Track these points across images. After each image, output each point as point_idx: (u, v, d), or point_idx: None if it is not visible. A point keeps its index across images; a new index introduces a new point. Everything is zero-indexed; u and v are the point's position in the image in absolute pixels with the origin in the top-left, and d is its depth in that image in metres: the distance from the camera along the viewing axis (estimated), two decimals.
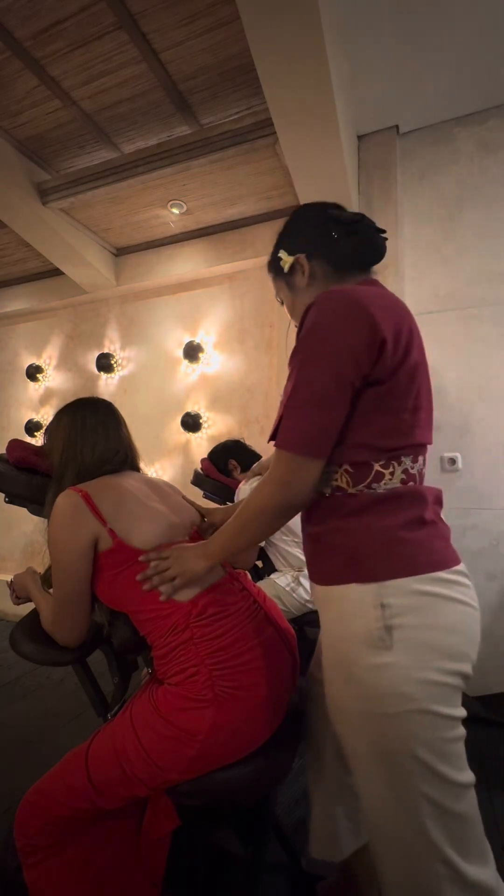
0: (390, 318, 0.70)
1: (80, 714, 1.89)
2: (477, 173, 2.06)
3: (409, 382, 0.72)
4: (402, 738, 0.64)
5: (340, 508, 0.73)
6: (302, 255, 0.83)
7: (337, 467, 0.73)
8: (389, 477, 0.71)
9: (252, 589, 0.99)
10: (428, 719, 0.64)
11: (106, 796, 0.81)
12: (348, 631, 0.69)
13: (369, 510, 0.71)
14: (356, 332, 0.67)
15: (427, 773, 0.64)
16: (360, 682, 0.67)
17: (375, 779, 0.67)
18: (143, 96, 1.93)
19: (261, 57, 1.52)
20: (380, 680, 0.66)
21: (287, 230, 0.88)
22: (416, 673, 0.64)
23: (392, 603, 0.66)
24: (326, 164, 1.88)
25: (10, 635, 0.96)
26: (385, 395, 0.70)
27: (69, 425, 1.01)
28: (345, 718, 0.71)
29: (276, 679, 0.87)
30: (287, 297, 0.89)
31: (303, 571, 1.55)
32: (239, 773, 0.82)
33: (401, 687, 0.64)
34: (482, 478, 2.00)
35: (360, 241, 0.83)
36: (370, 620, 0.67)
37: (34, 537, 3.30)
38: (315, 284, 0.84)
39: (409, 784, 0.64)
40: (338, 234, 0.82)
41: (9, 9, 1.59)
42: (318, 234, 0.83)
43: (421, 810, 0.64)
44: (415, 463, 0.74)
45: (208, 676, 0.80)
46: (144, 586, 0.84)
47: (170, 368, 2.90)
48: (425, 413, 0.76)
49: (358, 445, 0.71)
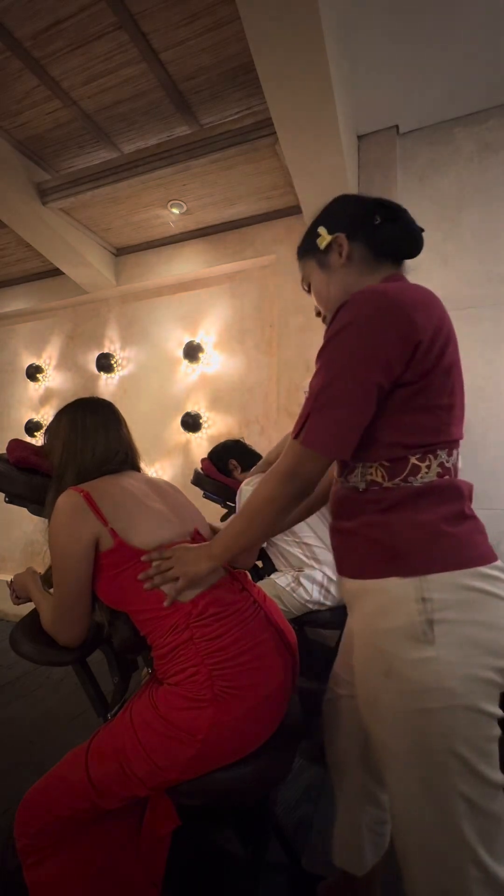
0: (429, 319, 0.69)
1: (80, 714, 1.89)
2: (477, 173, 2.06)
3: (445, 380, 0.71)
4: (443, 734, 0.64)
5: (377, 503, 0.72)
6: (342, 234, 0.81)
7: (372, 462, 0.72)
8: (426, 470, 0.70)
9: (252, 589, 0.99)
10: (471, 716, 0.63)
11: (106, 796, 0.81)
12: (388, 625, 0.68)
13: (408, 504, 0.70)
14: (390, 337, 0.67)
15: (465, 770, 0.63)
16: (401, 677, 0.66)
17: (410, 776, 0.66)
18: (143, 96, 1.93)
19: (261, 57, 1.52)
20: (422, 675, 0.65)
21: (329, 209, 0.86)
22: (460, 669, 0.64)
23: (435, 597, 0.65)
24: (326, 164, 1.88)
25: (10, 635, 0.96)
26: (421, 393, 0.70)
27: (69, 425, 1.01)
28: (382, 715, 0.70)
29: (276, 679, 0.87)
30: (318, 277, 0.86)
31: (303, 572, 1.55)
32: (239, 773, 0.82)
33: (444, 682, 0.63)
34: (482, 478, 2.00)
35: (403, 230, 0.81)
36: (412, 614, 0.66)
37: (34, 537, 3.30)
38: (350, 267, 0.82)
39: (447, 782, 0.63)
40: (381, 219, 0.80)
41: (9, 9, 1.59)
42: (362, 216, 0.81)
43: (457, 809, 0.63)
44: (450, 456, 0.73)
45: (208, 676, 0.80)
46: (146, 585, 0.84)
47: (170, 368, 2.90)
48: (459, 409, 0.75)
49: (393, 444, 0.71)
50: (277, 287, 2.49)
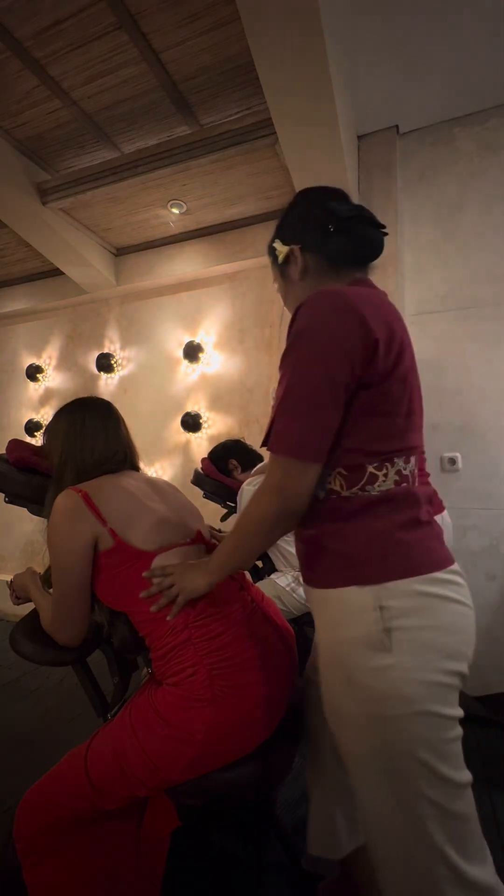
0: (382, 320, 0.69)
1: (80, 714, 1.88)
2: (477, 173, 2.06)
3: (402, 386, 0.71)
4: (404, 740, 0.64)
5: (335, 512, 0.72)
6: (296, 246, 0.81)
7: (330, 470, 0.72)
8: (383, 479, 0.71)
9: (250, 589, 0.99)
10: (429, 720, 0.64)
11: (105, 796, 0.81)
12: (347, 634, 0.69)
13: (364, 513, 0.70)
14: (348, 333, 0.66)
15: (428, 774, 0.63)
16: (360, 685, 0.67)
17: (375, 782, 0.67)
18: (143, 96, 1.93)
19: (261, 57, 1.52)
20: (381, 682, 0.65)
21: (285, 219, 0.86)
22: (418, 674, 0.64)
23: (391, 605, 0.66)
24: (326, 164, 1.88)
25: (10, 635, 0.96)
26: (378, 398, 0.70)
27: (68, 425, 1.01)
28: (343, 722, 0.71)
29: (275, 678, 0.87)
30: (281, 286, 0.88)
31: None
32: (239, 773, 0.82)
33: (402, 689, 0.64)
34: (482, 478, 2.00)
35: (357, 236, 0.80)
36: (370, 623, 0.66)
37: (34, 537, 3.30)
38: (308, 278, 0.82)
39: (410, 786, 0.64)
40: (334, 228, 0.79)
41: (9, 9, 1.59)
42: (315, 226, 0.80)
43: (422, 812, 0.63)
44: (407, 464, 0.73)
45: (207, 676, 0.80)
46: (152, 608, 0.83)
47: (170, 368, 2.90)
48: (417, 416, 0.76)
49: (351, 450, 0.70)
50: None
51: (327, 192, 0.84)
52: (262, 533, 0.75)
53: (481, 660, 0.72)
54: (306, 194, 0.86)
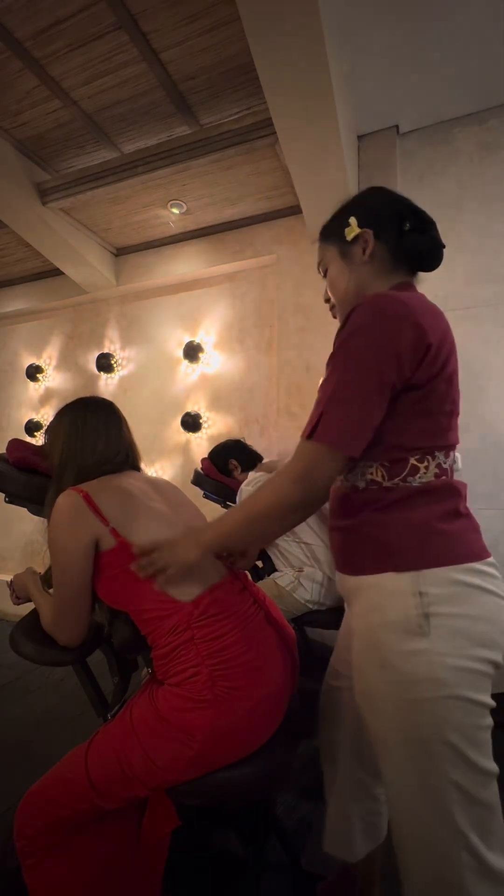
0: (437, 326, 0.72)
1: (80, 714, 1.88)
2: (477, 173, 2.06)
3: (448, 387, 0.74)
4: (435, 723, 0.65)
5: (376, 502, 0.73)
6: (370, 230, 0.81)
7: (373, 462, 0.74)
8: (424, 471, 0.72)
9: (252, 589, 0.99)
10: (461, 705, 0.65)
11: (105, 796, 0.81)
12: (384, 618, 0.70)
13: (405, 503, 0.72)
14: (403, 337, 0.69)
15: (457, 759, 0.65)
16: (394, 669, 0.68)
17: (405, 766, 0.68)
18: (143, 96, 1.93)
19: (261, 57, 1.52)
20: (415, 666, 0.67)
21: (363, 201, 0.86)
22: (452, 660, 0.66)
23: (430, 591, 0.68)
24: (326, 164, 1.88)
25: (10, 635, 0.96)
26: (424, 399, 0.72)
27: (70, 425, 1.01)
28: (377, 705, 0.72)
29: (276, 680, 0.87)
30: (337, 266, 0.85)
31: (303, 572, 1.54)
32: (239, 773, 0.82)
33: (436, 672, 0.66)
34: (483, 478, 2.00)
35: (429, 243, 0.83)
36: (409, 608, 0.68)
37: (34, 537, 3.30)
38: (370, 265, 0.82)
39: (439, 770, 0.65)
40: (411, 227, 0.81)
41: (9, 9, 1.59)
42: (394, 219, 0.81)
43: (449, 797, 0.65)
44: (447, 458, 0.75)
45: (209, 677, 0.80)
46: (140, 575, 0.83)
47: (170, 368, 2.90)
48: (457, 417, 0.78)
49: (395, 446, 0.73)
50: (277, 287, 2.49)
51: (402, 196, 0.86)
52: (275, 517, 0.75)
53: None
54: (384, 190, 0.87)
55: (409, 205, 0.82)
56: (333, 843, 0.95)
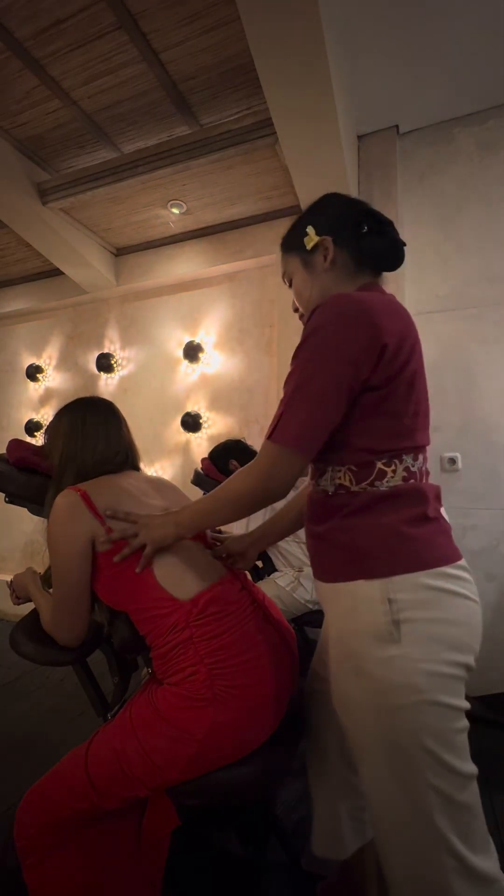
0: (394, 326, 0.72)
1: (80, 714, 1.89)
2: (477, 173, 2.06)
3: (409, 388, 0.74)
4: (411, 729, 0.65)
5: (344, 507, 0.74)
6: (329, 238, 0.82)
7: (341, 466, 0.75)
8: (392, 475, 0.73)
9: (252, 589, 0.99)
10: (436, 710, 0.65)
11: (105, 796, 0.81)
12: (357, 626, 0.71)
13: (373, 508, 0.72)
14: (358, 338, 0.69)
15: (435, 763, 0.65)
16: (369, 676, 0.69)
17: (383, 772, 0.68)
18: (143, 96, 1.93)
19: (261, 57, 1.52)
20: (389, 672, 0.67)
21: (319, 209, 0.86)
22: (425, 665, 0.66)
23: (399, 598, 0.68)
24: (326, 164, 1.88)
25: (10, 635, 0.96)
26: (385, 400, 0.72)
27: (70, 425, 1.01)
28: (353, 712, 0.72)
29: (276, 679, 0.87)
30: (300, 276, 0.87)
31: (303, 572, 1.55)
32: (239, 772, 0.82)
33: (410, 678, 0.66)
34: (482, 478, 2.00)
35: (388, 243, 0.83)
36: (378, 615, 0.68)
37: (34, 537, 3.30)
38: (332, 272, 0.83)
39: (417, 775, 0.65)
40: (368, 230, 0.81)
41: (9, 9, 1.59)
42: (351, 223, 0.82)
43: (428, 801, 0.65)
44: (415, 461, 0.75)
45: (207, 676, 0.80)
46: (115, 558, 0.84)
47: (170, 368, 2.90)
48: (423, 417, 0.77)
49: (361, 449, 0.73)
50: (277, 287, 2.49)
51: (357, 200, 0.87)
52: (238, 506, 0.79)
53: (481, 660, 0.73)
54: (338, 195, 0.87)
55: (364, 207, 0.83)
56: (322, 845, 0.95)
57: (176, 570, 0.87)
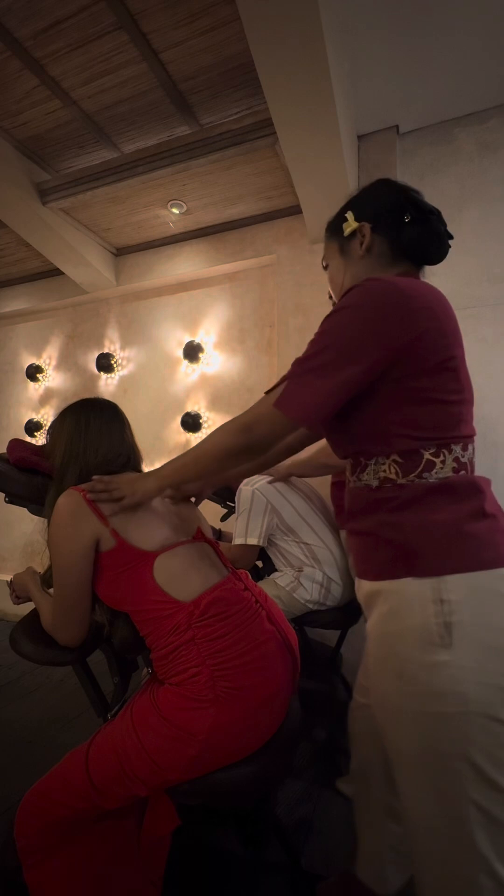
0: (433, 314, 0.69)
1: (80, 714, 1.89)
2: (477, 173, 2.06)
3: (454, 375, 0.70)
4: (457, 739, 0.62)
5: (391, 501, 0.70)
6: (368, 224, 0.80)
7: (384, 458, 0.71)
8: (441, 465, 0.69)
9: (254, 589, 0.99)
10: (484, 723, 0.61)
11: (106, 796, 0.81)
12: (402, 626, 0.66)
13: (423, 501, 0.68)
14: (391, 324, 0.66)
15: (479, 778, 0.61)
16: (413, 679, 0.65)
17: (422, 781, 0.65)
18: (143, 96, 1.93)
19: (261, 57, 1.52)
20: (437, 678, 0.63)
21: (362, 195, 0.84)
22: (476, 674, 0.62)
23: (452, 599, 0.63)
24: (326, 164, 1.88)
25: (10, 635, 0.96)
26: (429, 386, 0.69)
27: (73, 426, 1.01)
28: (394, 716, 0.69)
29: (278, 680, 0.87)
30: (336, 262, 0.85)
31: (303, 572, 1.54)
32: (239, 773, 0.82)
33: (459, 687, 0.62)
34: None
35: (430, 233, 0.79)
36: (428, 616, 0.64)
37: (34, 537, 3.29)
38: (368, 259, 0.80)
39: (458, 789, 0.62)
40: (411, 217, 0.78)
41: (9, 9, 1.59)
42: (392, 210, 0.79)
43: (469, 817, 0.61)
44: (465, 451, 0.72)
45: (209, 677, 0.80)
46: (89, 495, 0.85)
47: (170, 368, 2.90)
48: (468, 405, 0.74)
49: (403, 435, 0.69)
50: (277, 287, 2.49)
51: (406, 187, 0.82)
52: (216, 462, 0.79)
53: None
54: (387, 182, 0.84)
55: (410, 195, 0.79)
56: (366, 873, 0.91)
57: (177, 572, 0.87)
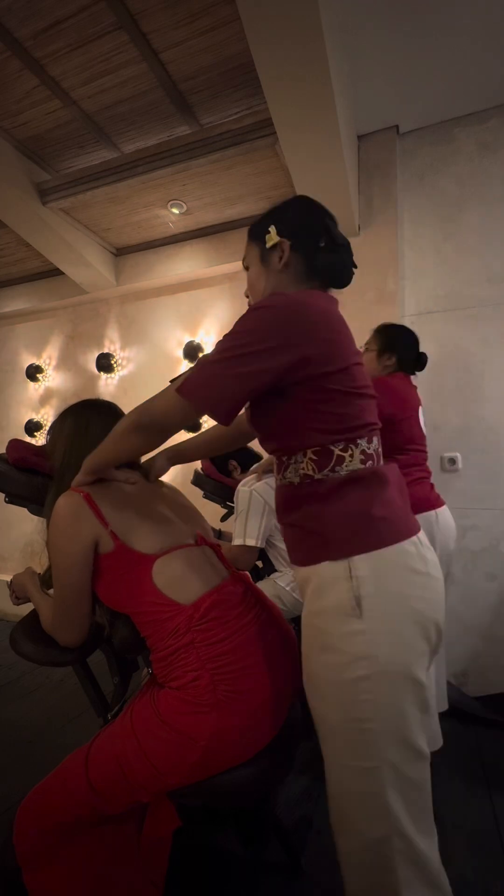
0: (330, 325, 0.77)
1: (80, 714, 1.89)
2: (477, 173, 2.06)
3: (353, 376, 0.78)
4: (372, 700, 0.68)
5: (311, 495, 0.78)
6: (287, 242, 0.85)
7: (302, 456, 0.78)
8: (349, 459, 0.77)
9: (256, 591, 0.98)
10: (399, 681, 0.69)
11: (107, 801, 0.81)
12: (323, 604, 0.74)
13: (337, 493, 0.76)
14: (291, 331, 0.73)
15: (393, 737, 0.68)
16: (334, 650, 0.72)
17: (342, 746, 0.71)
18: (143, 96, 1.93)
19: (261, 57, 1.52)
20: (352, 646, 0.70)
21: (286, 211, 0.89)
22: (387, 638, 0.70)
23: (360, 575, 0.71)
24: (326, 164, 1.88)
25: (10, 635, 0.96)
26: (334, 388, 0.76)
27: (73, 426, 1.01)
28: (320, 689, 0.75)
29: (278, 683, 0.86)
30: (256, 269, 0.91)
31: None
32: (240, 773, 0.82)
33: (373, 650, 0.69)
34: (482, 478, 2.00)
35: (339, 262, 0.87)
36: (342, 592, 0.72)
37: (34, 537, 3.29)
38: (285, 274, 0.87)
39: (375, 749, 0.68)
40: (325, 245, 0.85)
41: (9, 9, 1.59)
42: (309, 235, 0.85)
43: (383, 777, 0.67)
44: (370, 443, 0.80)
45: (210, 681, 0.80)
46: None
47: (170, 368, 2.89)
48: (370, 400, 0.82)
49: (314, 430, 0.77)
50: None
51: (325, 210, 0.89)
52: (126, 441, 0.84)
53: (481, 660, 0.73)
54: (309, 204, 0.90)
55: (326, 224, 0.86)
56: None
57: (177, 575, 0.87)
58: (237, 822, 1.26)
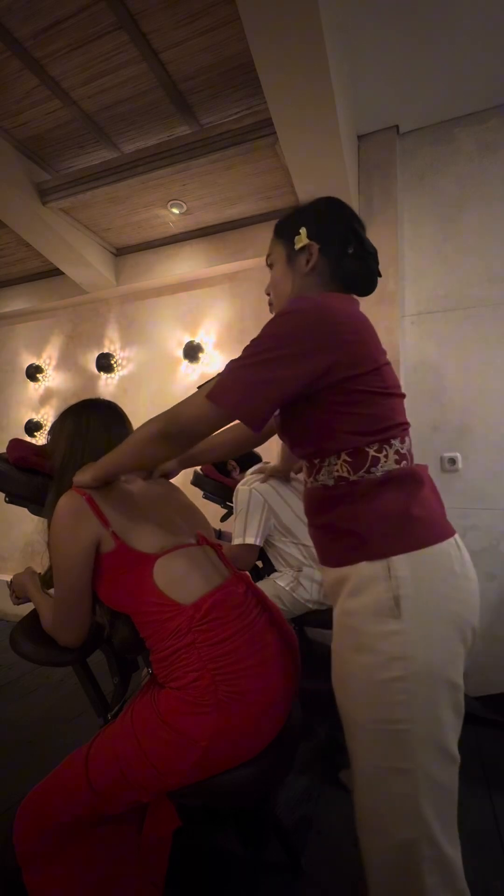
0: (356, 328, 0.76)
1: (80, 714, 1.89)
2: (477, 173, 2.06)
3: (383, 377, 0.78)
4: (406, 702, 0.67)
5: (347, 496, 0.77)
6: (316, 245, 0.85)
7: (335, 458, 0.78)
8: (384, 460, 0.77)
9: (256, 591, 0.98)
10: (433, 683, 0.68)
11: (107, 802, 0.81)
12: (359, 603, 0.73)
13: (372, 493, 0.75)
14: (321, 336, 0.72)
15: (426, 740, 0.67)
16: (369, 650, 0.71)
17: (373, 746, 0.70)
18: (143, 96, 1.93)
19: (261, 57, 1.52)
20: (389, 646, 0.69)
21: (317, 212, 0.88)
22: (424, 639, 0.69)
23: (401, 575, 0.71)
24: (326, 164, 1.88)
25: (10, 635, 0.96)
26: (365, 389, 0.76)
27: (74, 426, 1.00)
28: (351, 688, 0.74)
29: (279, 683, 0.86)
30: (281, 269, 0.90)
31: (302, 571, 1.55)
32: (240, 773, 0.82)
33: (408, 651, 0.68)
34: (482, 478, 2.00)
35: (366, 270, 0.86)
36: (380, 592, 0.71)
37: (34, 537, 3.29)
38: (311, 277, 0.86)
39: (407, 752, 0.67)
40: (352, 252, 0.85)
41: (9, 8, 1.59)
42: (340, 240, 0.85)
43: (416, 779, 0.66)
44: (402, 443, 0.79)
45: (211, 681, 0.79)
46: None
47: (170, 368, 2.90)
48: (399, 399, 0.82)
49: (347, 433, 0.76)
50: None
51: (354, 214, 0.88)
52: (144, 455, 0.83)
53: (481, 659, 0.74)
54: (341, 208, 0.89)
55: (356, 230, 0.85)
56: None
57: (178, 575, 0.87)
58: (237, 822, 1.26)
